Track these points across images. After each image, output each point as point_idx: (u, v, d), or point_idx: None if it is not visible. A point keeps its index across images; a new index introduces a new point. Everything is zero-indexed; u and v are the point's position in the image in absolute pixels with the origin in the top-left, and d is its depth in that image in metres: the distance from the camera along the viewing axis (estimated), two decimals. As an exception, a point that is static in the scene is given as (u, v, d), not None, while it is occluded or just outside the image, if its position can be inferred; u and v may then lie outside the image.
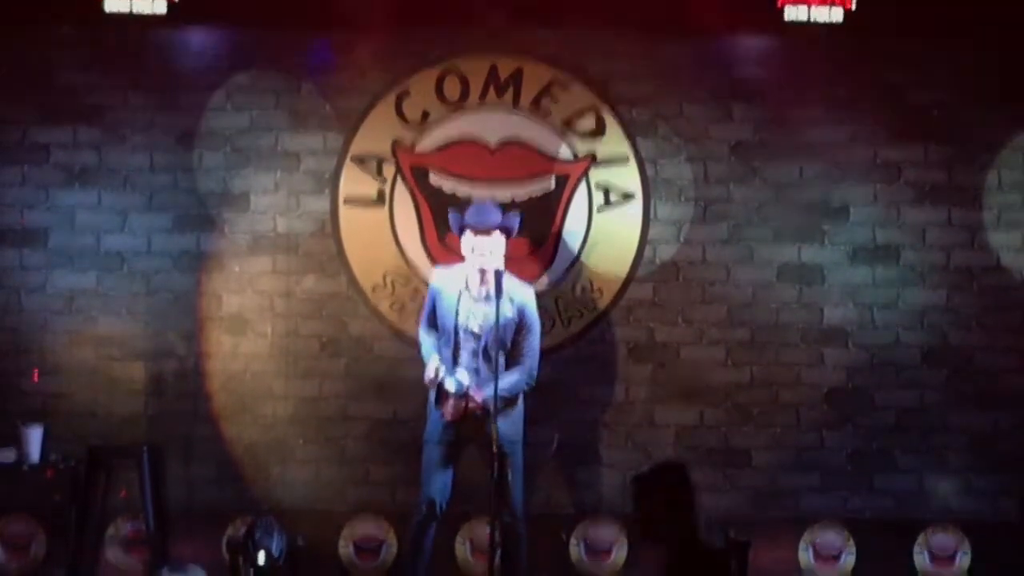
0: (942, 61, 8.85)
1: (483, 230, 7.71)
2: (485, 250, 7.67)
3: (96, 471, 8.37)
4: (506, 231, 7.78)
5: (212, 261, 8.74)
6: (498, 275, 7.68)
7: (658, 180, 8.81)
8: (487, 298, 7.65)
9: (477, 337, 7.75)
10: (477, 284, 7.73)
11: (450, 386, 7.66)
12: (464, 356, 7.76)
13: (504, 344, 7.75)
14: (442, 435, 7.77)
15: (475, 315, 7.72)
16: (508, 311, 7.71)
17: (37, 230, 8.72)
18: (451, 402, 7.70)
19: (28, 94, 8.78)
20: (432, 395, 7.78)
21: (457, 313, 7.73)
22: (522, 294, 7.83)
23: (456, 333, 7.74)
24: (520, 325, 7.78)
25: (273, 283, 8.74)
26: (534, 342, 7.83)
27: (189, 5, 8.58)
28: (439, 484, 7.77)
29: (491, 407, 7.49)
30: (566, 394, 8.73)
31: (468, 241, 7.75)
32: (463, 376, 7.69)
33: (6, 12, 8.64)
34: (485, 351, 7.73)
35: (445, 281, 7.85)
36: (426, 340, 7.89)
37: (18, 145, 8.75)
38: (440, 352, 7.77)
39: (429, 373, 7.67)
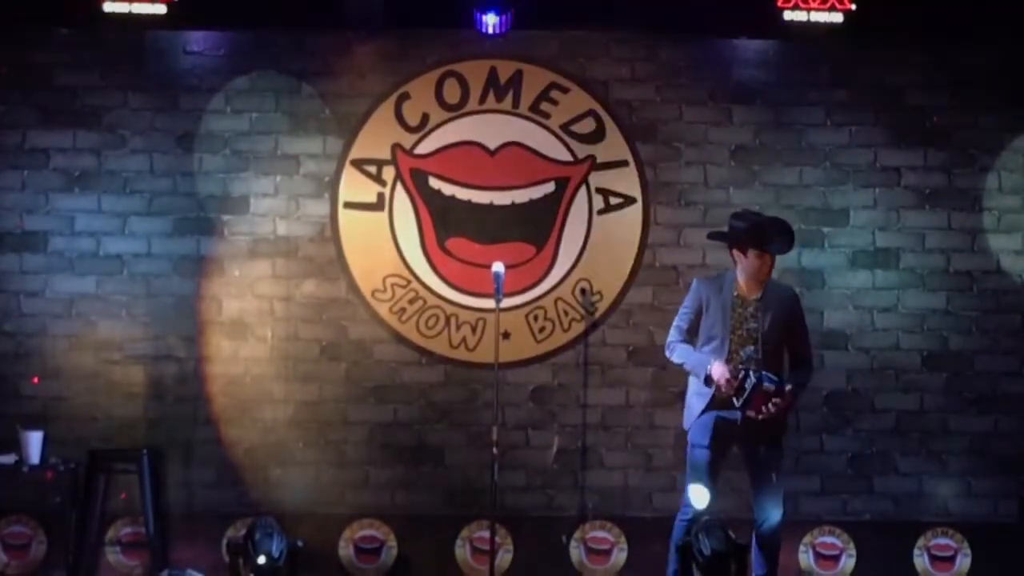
0: (942, 64, 8.87)
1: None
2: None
3: (96, 474, 8.40)
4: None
5: (212, 265, 8.73)
6: (497, 277, 7.67)
7: (658, 184, 8.81)
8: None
9: (755, 340, 7.54)
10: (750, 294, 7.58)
11: (769, 384, 7.38)
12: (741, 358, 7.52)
13: (779, 345, 7.61)
14: (712, 437, 7.50)
15: (752, 320, 7.55)
16: (782, 314, 7.58)
17: (37, 234, 8.71)
18: (758, 398, 7.39)
19: (27, 97, 8.77)
20: (740, 395, 7.40)
21: (735, 317, 7.53)
22: (792, 298, 7.75)
23: (730, 338, 7.52)
24: (794, 327, 7.66)
25: (273, 287, 8.73)
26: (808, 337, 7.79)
27: (188, 6, 8.55)
28: (711, 487, 7.54)
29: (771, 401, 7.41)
30: (566, 397, 8.74)
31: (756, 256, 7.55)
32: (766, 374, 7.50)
33: (4, 13, 8.61)
34: (764, 353, 7.53)
35: (711, 288, 7.62)
36: (686, 347, 7.59)
37: (18, 149, 8.74)
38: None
39: (724, 374, 7.37)
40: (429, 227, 8.76)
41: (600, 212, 8.80)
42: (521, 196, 8.77)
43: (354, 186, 8.78)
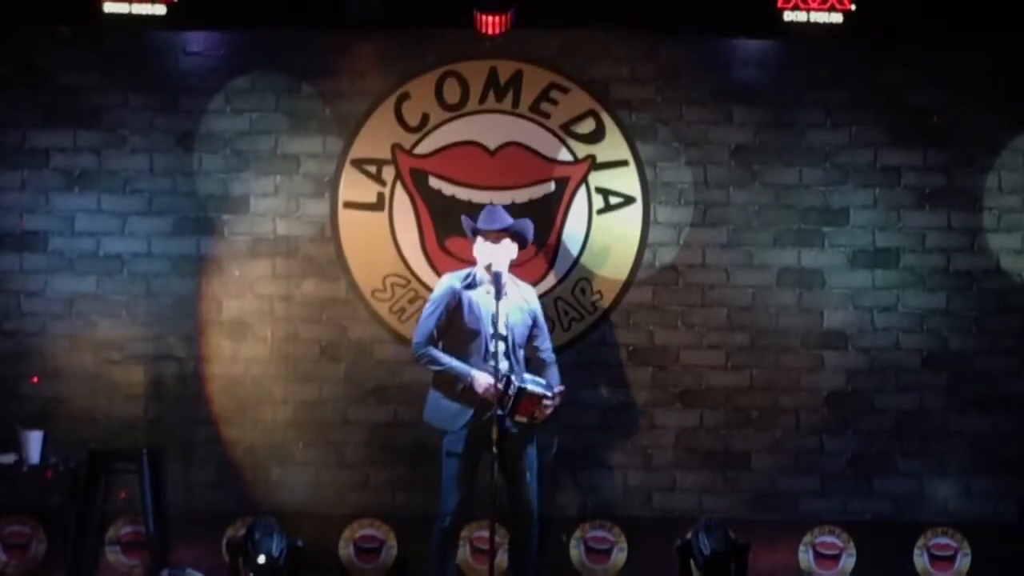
0: (942, 63, 8.85)
1: (492, 234, 7.73)
2: (495, 254, 7.71)
3: (96, 474, 8.41)
4: (515, 236, 7.81)
5: (212, 265, 8.73)
6: (497, 276, 7.69)
7: (658, 183, 8.81)
8: (497, 299, 7.64)
9: (505, 338, 7.70)
10: (490, 286, 7.69)
11: (536, 387, 7.55)
12: (497, 357, 7.59)
13: (524, 342, 7.85)
14: (466, 446, 7.61)
15: (500, 315, 7.63)
16: (526, 309, 7.84)
17: (37, 234, 8.71)
18: (525, 404, 7.53)
19: (27, 96, 8.77)
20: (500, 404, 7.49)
21: (493, 315, 7.58)
22: (532, 293, 8.01)
23: (487, 335, 7.61)
24: (535, 323, 7.90)
25: (273, 287, 8.74)
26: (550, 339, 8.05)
27: (188, 7, 8.54)
28: (465, 495, 7.63)
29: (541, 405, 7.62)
30: (566, 397, 8.68)
31: (480, 245, 7.79)
32: (531, 376, 7.67)
33: (5, 13, 8.61)
34: (513, 350, 7.73)
35: (459, 285, 7.76)
36: (439, 352, 7.69)
37: (18, 148, 8.74)
38: (467, 360, 7.64)
39: (487, 381, 7.48)
40: (429, 227, 8.76)
41: (600, 212, 8.80)
42: (521, 196, 8.77)
43: (354, 186, 8.78)
